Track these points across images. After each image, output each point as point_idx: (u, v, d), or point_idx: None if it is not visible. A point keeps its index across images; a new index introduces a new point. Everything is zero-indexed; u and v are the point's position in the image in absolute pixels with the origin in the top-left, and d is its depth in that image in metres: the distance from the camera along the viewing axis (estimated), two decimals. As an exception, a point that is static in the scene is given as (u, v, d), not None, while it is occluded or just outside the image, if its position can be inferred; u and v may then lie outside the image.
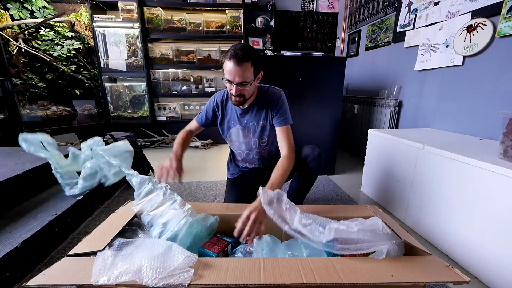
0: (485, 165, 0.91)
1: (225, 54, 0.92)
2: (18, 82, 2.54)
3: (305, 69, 1.83)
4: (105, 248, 0.64)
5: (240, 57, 0.88)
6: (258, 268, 0.60)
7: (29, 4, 2.51)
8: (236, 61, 0.89)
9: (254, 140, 1.14)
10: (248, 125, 1.11)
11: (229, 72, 0.91)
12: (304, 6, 3.16)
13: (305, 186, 1.17)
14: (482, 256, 0.94)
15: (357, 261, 0.64)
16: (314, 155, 1.09)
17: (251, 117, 1.10)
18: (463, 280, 0.57)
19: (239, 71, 0.90)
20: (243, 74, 0.90)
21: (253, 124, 1.11)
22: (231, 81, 0.92)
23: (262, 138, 1.13)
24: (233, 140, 1.18)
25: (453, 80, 1.58)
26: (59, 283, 0.54)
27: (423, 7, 1.78)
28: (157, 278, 0.54)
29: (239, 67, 0.89)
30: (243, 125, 1.12)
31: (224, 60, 0.93)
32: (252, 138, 1.13)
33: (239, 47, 0.90)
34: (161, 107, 3.04)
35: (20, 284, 0.89)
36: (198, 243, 0.79)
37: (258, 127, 1.11)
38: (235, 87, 0.93)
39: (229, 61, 0.90)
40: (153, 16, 2.74)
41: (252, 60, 0.91)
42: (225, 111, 1.14)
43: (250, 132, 1.13)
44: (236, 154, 1.24)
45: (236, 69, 0.89)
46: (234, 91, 0.94)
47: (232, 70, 0.90)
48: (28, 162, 1.37)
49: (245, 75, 0.91)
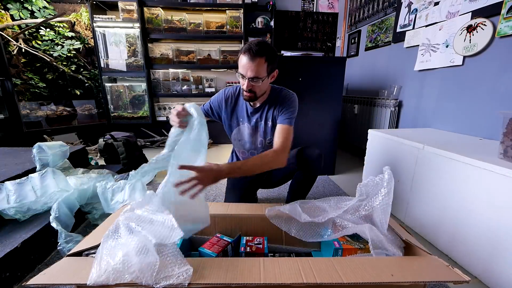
0: (485, 165, 0.91)
1: (241, 48, 0.93)
2: (18, 82, 2.54)
3: (305, 69, 1.83)
4: (105, 247, 0.64)
5: (254, 52, 0.88)
6: (258, 268, 0.60)
7: (29, 4, 2.51)
8: (250, 55, 0.88)
9: (261, 140, 1.13)
10: (257, 124, 1.10)
11: (243, 66, 0.91)
12: (304, 6, 3.16)
13: (304, 186, 1.17)
14: (482, 256, 0.94)
15: (357, 261, 0.64)
16: (313, 155, 1.08)
17: (261, 116, 1.09)
18: (463, 280, 0.57)
19: (252, 66, 0.89)
20: (256, 69, 0.90)
21: (261, 124, 1.10)
22: (244, 75, 0.92)
23: (269, 139, 1.13)
24: (239, 138, 1.16)
25: (453, 80, 1.58)
26: (59, 283, 0.54)
27: (423, 7, 1.78)
28: (157, 278, 0.54)
29: (252, 62, 0.89)
30: (252, 124, 1.11)
31: (239, 54, 0.93)
32: (258, 137, 1.13)
33: (255, 42, 0.90)
34: (161, 107, 3.04)
35: (20, 284, 0.89)
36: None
37: (267, 127, 1.10)
38: (246, 81, 0.92)
39: (243, 55, 0.90)
40: (153, 16, 2.74)
41: (266, 56, 0.90)
42: (236, 106, 1.13)
43: (258, 132, 1.12)
44: (239, 154, 1.23)
45: (249, 63, 0.89)
46: (246, 86, 0.94)
47: (245, 64, 0.90)
48: (28, 162, 1.37)
49: (258, 71, 0.90)
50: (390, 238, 0.74)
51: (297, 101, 1.08)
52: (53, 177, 1.16)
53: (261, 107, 1.08)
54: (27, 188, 1.11)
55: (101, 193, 1.16)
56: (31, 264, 0.97)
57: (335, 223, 0.79)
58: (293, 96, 1.08)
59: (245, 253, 0.81)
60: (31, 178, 1.13)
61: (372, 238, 0.70)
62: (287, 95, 1.07)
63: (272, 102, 1.07)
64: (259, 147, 1.15)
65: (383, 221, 0.73)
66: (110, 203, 1.15)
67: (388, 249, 0.70)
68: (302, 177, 1.14)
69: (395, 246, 0.72)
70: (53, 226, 0.98)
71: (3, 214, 1.03)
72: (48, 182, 1.15)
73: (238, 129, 1.14)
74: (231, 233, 0.92)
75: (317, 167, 1.09)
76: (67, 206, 1.09)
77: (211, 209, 0.93)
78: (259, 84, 0.94)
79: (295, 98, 1.07)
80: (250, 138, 1.14)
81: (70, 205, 1.11)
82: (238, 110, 1.12)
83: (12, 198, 1.06)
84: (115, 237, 0.65)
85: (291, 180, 1.22)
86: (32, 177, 1.14)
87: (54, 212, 1.02)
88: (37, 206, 1.11)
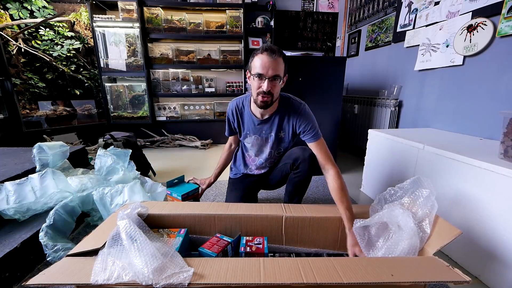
0: (485, 165, 0.91)
1: (254, 52, 0.91)
2: (18, 82, 2.54)
3: (305, 69, 1.83)
4: (105, 247, 0.64)
5: (275, 50, 0.87)
6: (258, 268, 0.60)
7: (28, 4, 2.50)
8: (271, 53, 0.87)
9: (270, 151, 1.11)
10: (267, 135, 1.08)
11: (262, 65, 0.87)
12: (304, 6, 3.16)
13: (300, 187, 1.13)
14: (482, 256, 0.94)
15: (357, 261, 0.64)
16: (304, 156, 1.03)
17: (270, 127, 1.06)
18: (463, 280, 0.57)
19: (273, 63, 0.87)
20: (277, 67, 0.88)
21: (272, 136, 1.07)
22: (263, 74, 0.88)
23: (279, 150, 1.11)
24: (248, 149, 1.16)
25: (453, 80, 1.58)
26: (59, 283, 0.54)
27: (423, 7, 1.78)
28: (157, 278, 0.54)
29: (274, 60, 0.87)
30: (261, 136, 1.08)
31: (254, 57, 0.90)
32: (268, 149, 1.11)
33: (270, 44, 0.90)
34: (161, 107, 3.03)
35: (19, 284, 0.89)
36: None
37: (277, 138, 1.07)
38: (266, 82, 0.88)
39: (262, 54, 0.88)
40: (153, 16, 2.74)
41: (283, 58, 0.90)
42: (242, 120, 1.10)
43: (268, 143, 1.09)
44: (249, 160, 1.22)
45: (270, 60, 0.86)
46: (266, 86, 0.88)
47: (266, 62, 0.87)
48: (27, 162, 1.37)
49: (279, 69, 0.89)
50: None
51: (309, 108, 1.04)
52: (52, 177, 1.16)
53: (270, 118, 1.04)
54: (26, 189, 1.10)
55: (99, 199, 1.14)
56: (30, 264, 0.97)
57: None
58: (306, 107, 1.04)
59: (245, 253, 0.81)
60: (30, 179, 1.13)
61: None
62: (302, 110, 1.02)
63: (284, 113, 1.03)
64: (267, 158, 1.14)
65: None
66: (110, 207, 1.14)
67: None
68: (295, 179, 1.11)
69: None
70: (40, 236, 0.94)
71: (2, 214, 1.03)
72: (47, 183, 1.14)
73: (246, 141, 1.14)
74: (231, 233, 0.92)
75: (309, 167, 1.05)
76: (68, 212, 1.09)
77: (211, 209, 0.93)
78: (278, 84, 0.92)
79: (308, 109, 1.04)
80: (259, 149, 1.13)
81: (71, 211, 1.11)
82: (244, 123, 1.10)
83: (11, 199, 1.05)
84: (117, 238, 0.65)
85: (286, 183, 1.18)
86: (31, 177, 1.14)
87: (49, 220, 0.99)
88: (37, 207, 1.10)
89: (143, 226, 0.80)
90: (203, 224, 0.92)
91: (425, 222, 0.78)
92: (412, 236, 0.72)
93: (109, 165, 1.38)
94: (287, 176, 1.15)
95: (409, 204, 0.83)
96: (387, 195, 0.92)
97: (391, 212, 0.79)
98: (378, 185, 1.59)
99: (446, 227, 0.76)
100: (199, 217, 0.91)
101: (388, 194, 0.92)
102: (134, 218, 0.78)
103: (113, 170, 1.39)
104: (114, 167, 1.39)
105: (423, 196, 0.81)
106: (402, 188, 0.89)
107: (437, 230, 0.77)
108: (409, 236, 0.72)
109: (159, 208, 0.94)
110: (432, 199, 0.80)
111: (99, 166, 1.39)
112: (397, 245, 0.74)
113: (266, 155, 1.13)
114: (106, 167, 1.38)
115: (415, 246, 0.72)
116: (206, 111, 3.08)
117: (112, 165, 1.38)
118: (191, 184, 1.24)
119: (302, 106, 1.04)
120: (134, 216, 0.79)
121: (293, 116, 1.02)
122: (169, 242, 0.79)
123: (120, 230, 0.66)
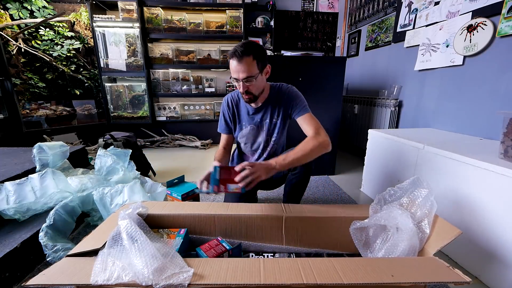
0: (485, 165, 0.91)
1: (228, 54, 0.94)
2: (18, 82, 2.54)
3: (305, 69, 1.82)
4: (105, 247, 0.64)
5: (240, 53, 0.89)
6: (258, 268, 0.59)
7: (28, 4, 2.50)
8: (237, 57, 0.90)
9: (266, 139, 1.14)
10: (262, 123, 1.11)
11: (233, 70, 0.92)
12: (304, 6, 3.16)
13: (298, 188, 1.13)
14: (482, 256, 0.94)
15: (358, 261, 0.64)
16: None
17: (264, 115, 1.10)
18: (463, 280, 0.57)
19: (241, 67, 0.90)
20: (246, 69, 0.91)
21: (266, 122, 1.10)
22: (237, 78, 0.93)
23: (273, 136, 1.13)
24: (244, 142, 1.17)
25: (453, 80, 1.58)
26: (58, 283, 0.54)
27: (423, 7, 1.78)
28: (157, 279, 0.54)
29: (240, 63, 0.90)
30: (256, 124, 1.11)
31: (229, 60, 0.94)
32: (264, 136, 1.13)
33: (239, 44, 0.91)
34: (161, 107, 3.03)
35: (19, 284, 0.89)
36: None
37: (272, 125, 1.10)
38: (241, 84, 0.93)
39: (231, 59, 0.92)
40: (153, 16, 2.73)
41: (253, 54, 0.91)
42: (238, 110, 1.14)
43: (263, 130, 1.12)
44: (245, 157, 1.23)
45: (238, 65, 0.90)
46: (242, 88, 0.95)
47: (235, 67, 0.91)
48: (27, 162, 1.37)
49: (249, 70, 0.91)
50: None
51: (296, 89, 1.09)
52: (52, 177, 1.16)
53: (264, 106, 1.09)
54: (26, 189, 1.10)
55: (99, 199, 1.14)
56: (30, 265, 0.97)
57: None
58: (294, 89, 1.09)
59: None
60: (30, 179, 1.13)
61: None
62: (289, 90, 1.08)
63: (275, 99, 1.08)
64: (263, 146, 1.15)
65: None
66: (110, 207, 1.14)
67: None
68: (293, 178, 1.11)
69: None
70: (40, 236, 0.94)
71: (2, 214, 1.03)
72: (47, 183, 1.14)
73: (241, 133, 1.15)
74: (231, 234, 0.92)
75: (307, 167, 1.06)
76: (68, 212, 1.09)
77: (211, 209, 0.93)
78: (254, 82, 0.95)
79: (296, 90, 1.09)
80: (255, 138, 1.14)
81: (71, 211, 1.11)
82: (241, 114, 1.13)
83: (11, 199, 1.05)
84: (117, 238, 0.65)
85: (285, 183, 1.19)
86: (31, 177, 1.14)
87: (49, 220, 0.99)
88: (37, 207, 1.10)
89: (144, 226, 0.80)
90: (203, 224, 0.92)
91: (424, 222, 0.78)
92: (412, 237, 0.72)
93: (109, 165, 1.38)
94: (285, 176, 1.16)
95: (408, 204, 0.83)
96: (386, 195, 0.92)
97: (389, 213, 0.79)
98: (378, 185, 1.59)
99: (446, 227, 0.76)
100: (199, 217, 0.91)
101: (387, 194, 0.92)
102: (135, 218, 0.78)
103: (113, 170, 1.39)
104: (114, 167, 1.39)
105: (422, 196, 0.81)
106: (402, 188, 0.89)
107: (437, 230, 0.77)
108: (408, 237, 0.72)
109: (159, 208, 0.94)
110: (431, 199, 0.80)
111: (99, 166, 1.39)
112: (397, 246, 0.74)
113: (262, 144, 1.14)
114: (106, 167, 1.38)
115: (414, 247, 0.72)
116: (206, 111, 3.08)
117: (112, 165, 1.39)
118: (191, 184, 1.24)
119: (289, 87, 1.09)
120: (135, 216, 0.80)
121: (283, 99, 1.07)
122: (169, 242, 0.79)
123: (121, 230, 0.66)
